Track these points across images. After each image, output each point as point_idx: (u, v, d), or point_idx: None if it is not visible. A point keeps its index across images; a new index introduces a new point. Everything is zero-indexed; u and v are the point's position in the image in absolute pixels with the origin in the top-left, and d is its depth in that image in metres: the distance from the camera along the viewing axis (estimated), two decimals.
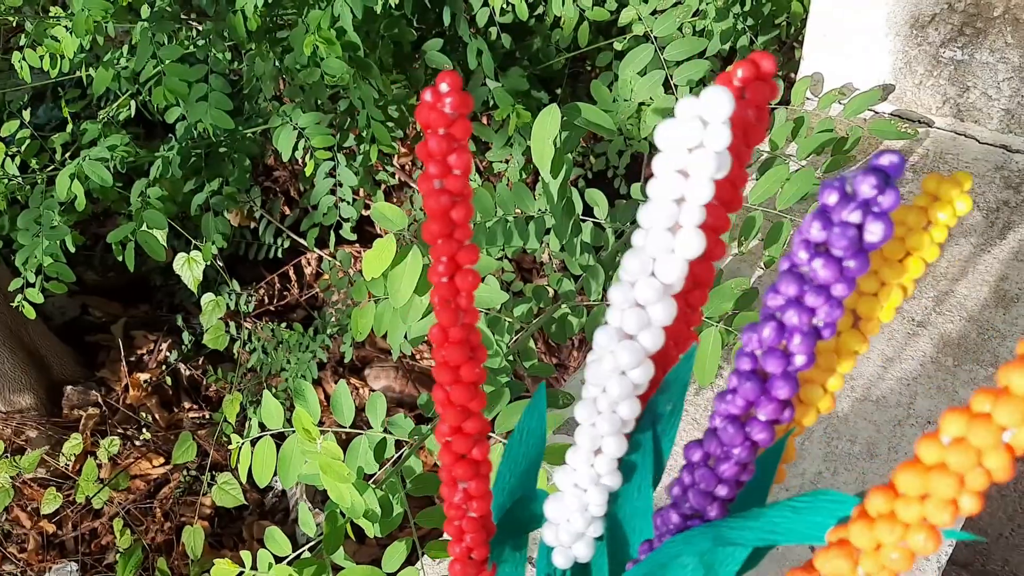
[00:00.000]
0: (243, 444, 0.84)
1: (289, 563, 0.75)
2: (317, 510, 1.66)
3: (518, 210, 1.10)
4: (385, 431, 0.82)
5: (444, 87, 0.33)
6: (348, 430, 0.82)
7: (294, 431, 0.79)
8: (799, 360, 0.31)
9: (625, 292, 0.34)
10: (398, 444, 0.84)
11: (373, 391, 1.81)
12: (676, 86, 1.13)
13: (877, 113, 1.19)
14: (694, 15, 1.21)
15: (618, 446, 0.37)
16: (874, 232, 0.28)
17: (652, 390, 0.38)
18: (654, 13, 1.13)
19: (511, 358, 0.95)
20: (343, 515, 0.73)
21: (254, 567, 0.78)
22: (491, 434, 0.75)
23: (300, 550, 0.77)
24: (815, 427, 0.92)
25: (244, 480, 0.84)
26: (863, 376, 0.95)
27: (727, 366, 0.96)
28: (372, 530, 0.76)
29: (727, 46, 1.26)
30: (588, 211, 1.10)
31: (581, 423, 0.37)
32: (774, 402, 0.32)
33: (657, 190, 0.32)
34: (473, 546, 0.41)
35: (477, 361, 0.38)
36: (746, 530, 0.35)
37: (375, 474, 0.81)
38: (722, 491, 0.36)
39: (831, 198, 0.29)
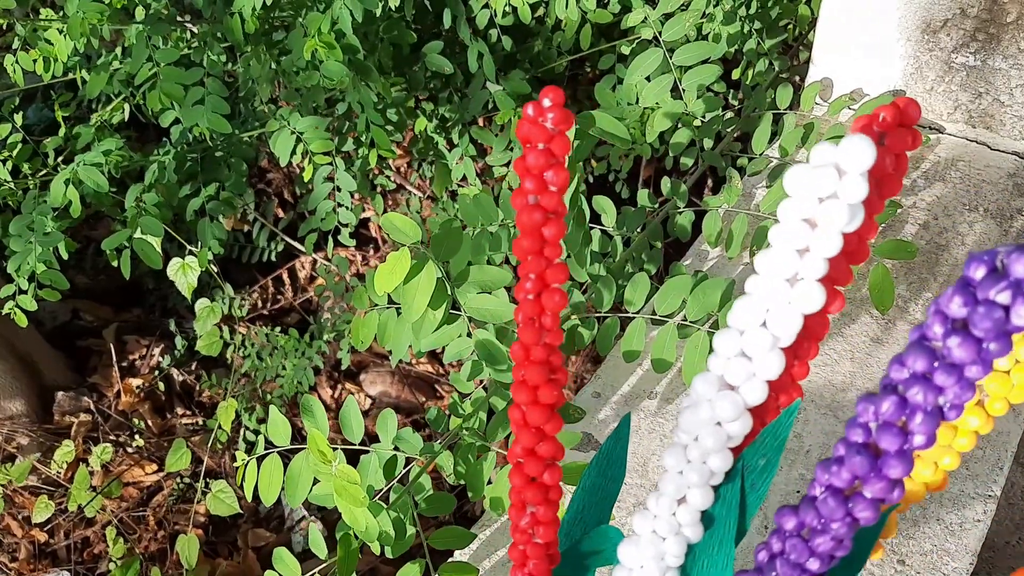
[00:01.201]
0: (249, 462, 0.82)
1: None
2: (313, 518, 1.64)
3: None
4: (395, 448, 0.80)
5: (547, 102, 0.33)
6: (354, 447, 0.80)
7: (299, 448, 0.77)
8: (918, 440, 0.29)
9: (732, 340, 0.32)
10: (406, 459, 0.82)
11: (370, 396, 1.79)
12: (684, 90, 1.12)
13: None
14: (701, 18, 1.19)
15: (704, 498, 0.35)
16: (1022, 315, 0.25)
17: (746, 443, 0.36)
18: (663, 17, 1.11)
19: None
20: (356, 537, 0.71)
21: None
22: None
23: (309, 573, 0.75)
24: (832, 442, 0.90)
25: (250, 499, 0.82)
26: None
27: None
28: (379, 548, 0.74)
29: (733, 49, 1.24)
30: (594, 218, 1.08)
31: (668, 470, 0.35)
32: (884, 480, 0.30)
33: (780, 237, 0.30)
34: (535, 573, 0.40)
35: (557, 383, 0.37)
36: None
37: (382, 490, 0.79)
38: (813, 565, 0.33)
39: (978, 273, 0.26)
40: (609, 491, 0.42)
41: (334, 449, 0.72)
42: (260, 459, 0.81)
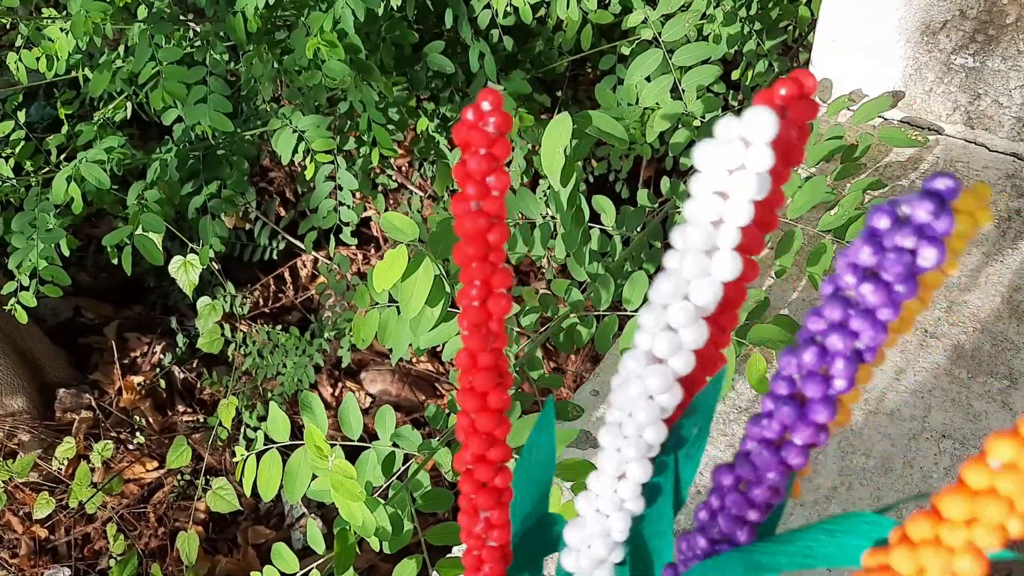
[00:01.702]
0: (248, 457, 0.82)
1: None
2: (313, 515, 1.64)
3: (521, 215, 1.08)
4: (393, 444, 0.81)
5: (486, 105, 0.32)
6: (354, 443, 0.80)
7: (299, 443, 0.77)
8: (839, 384, 0.30)
9: (657, 315, 0.33)
10: (404, 456, 0.82)
11: (370, 395, 1.79)
12: (684, 91, 1.12)
13: (887, 120, 1.18)
14: (701, 19, 1.20)
15: (643, 471, 0.36)
16: (928, 257, 0.28)
17: (678, 413, 0.37)
18: (663, 17, 1.12)
19: (517, 369, 0.94)
20: (354, 532, 0.72)
21: None
22: None
23: (307, 568, 0.76)
24: (830, 441, 0.91)
25: (249, 494, 0.82)
26: (876, 389, 0.94)
27: (739, 377, 0.95)
28: (376, 544, 0.74)
29: (733, 50, 1.25)
30: (594, 217, 1.08)
31: (605, 448, 0.36)
32: (812, 426, 0.32)
33: (695, 212, 0.31)
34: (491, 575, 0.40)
35: (504, 388, 0.37)
36: (780, 555, 0.34)
37: (381, 486, 0.80)
38: (753, 515, 0.35)
39: (883, 222, 0.28)
40: (544, 480, 0.43)
41: (332, 445, 0.72)
42: (259, 455, 0.81)
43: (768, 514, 0.35)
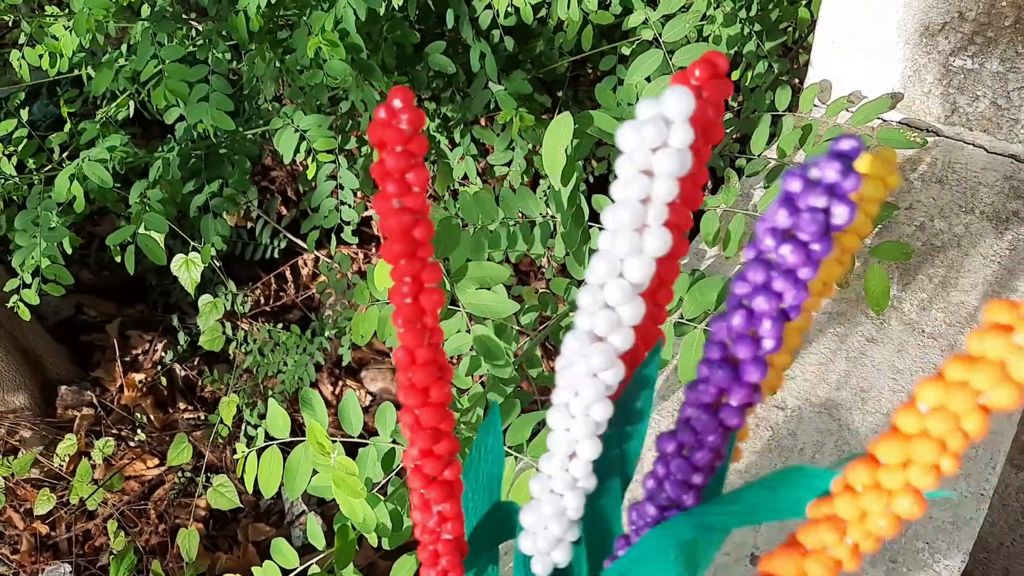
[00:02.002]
0: (249, 454, 0.83)
1: None
2: (314, 513, 1.65)
3: (521, 214, 1.09)
4: (393, 441, 0.81)
5: (398, 103, 0.33)
6: (354, 440, 0.81)
7: (299, 440, 0.78)
8: (768, 344, 0.32)
9: (594, 294, 0.34)
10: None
11: (371, 393, 1.80)
12: None
13: (885, 121, 1.19)
14: (701, 20, 1.20)
15: (593, 449, 0.37)
16: (840, 215, 0.29)
17: (621, 389, 0.39)
18: (663, 18, 1.12)
19: (516, 367, 0.94)
20: (354, 528, 0.72)
21: None
22: (507, 448, 0.74)
23: (308, 563, 0.76)
24: (826, 440, 0.91)
25: (250, 491, 0.83)
26: (874, 388, 0.94)
27: None
28: (375, 540, 0.75)
29: (733, 51, 1.25)
30: (593, 216, 1.09)
31: (555, 429, 0.37)
32: (746, 387, 0.33)
33: (623, 191, 0.32)
34: (448, 568, 0.41)
35: (445, 381, 0.37)
36: (727, 514, 0.36)
37: (380, 482, 0.80)
38: (697, 479, 0.36)
39: (795, 185, 0.29)
40: (494, 477, 0.44)
41: (333, 442, 0.73)
42: (260, 451, 0.82)
43: (712, 477, 0.37)
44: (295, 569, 0.77)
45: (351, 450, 0.79)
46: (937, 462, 0.27)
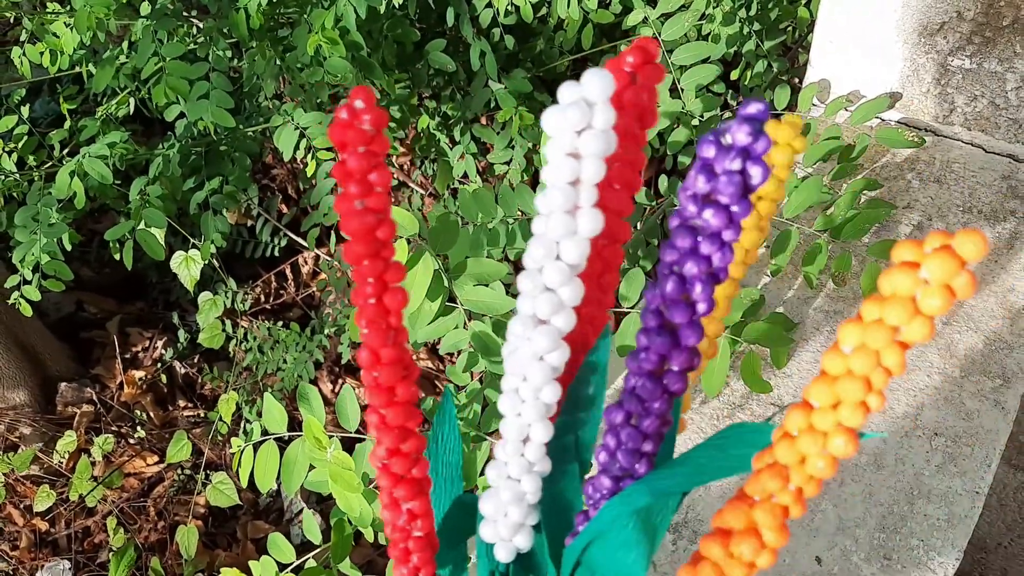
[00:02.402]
0: (245, 448, 0.83)
1: (294, 571, 0.74)
2: (312, 510, 1.65)
3: (520, 211, 1.09)
4: None
5: (359, 104, 0.32)
6: (351, 435, 0.81)
7: (296, 435, 0.78)
8: (701, 307, 0.33)
9: (533, 278, 0.35)
10: None
11: None
12: (683, 90, 1.12)
13: (884, 121, 1.19)
14: (700, 19, 1.20)
15: (545, 431, 0.38)
16: (755, 175, 0.30)
17: (571, 375, 0.40)
18: (662, 17, 1.13)
19: None
20: (350, 523, 0.72)
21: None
22: None
23: (304, 558, 0.76)
24: None
25: (245, 485, 0.83)
26: None
27: (734, 375, 0.95)
28: (371, 535, 0.75)
29: (732, 50, 1.25)
30: None
31: (506, 415, 0.38)
32: (685, 351, 0.34)
33: (553, 175, 0.33)
34: (420, 565, 0.41)
35: (411, 380, 0.37)
36: (678, 476, 0.37)
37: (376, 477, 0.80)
38: (648, 446, 0.37)
39: (710, 151, 0.30)
40: (454, 465, 0.45)
41: (330, 437, 0.73)
42: (256, 446, 0.82)
43: (660, 444, 0.38)
44: (292, 564, 0.77)
45: (348, 446, 0.80)
46: (864, 399, 0.28)
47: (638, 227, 1.11)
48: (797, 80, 1.36)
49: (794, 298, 1.03)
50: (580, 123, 0.31)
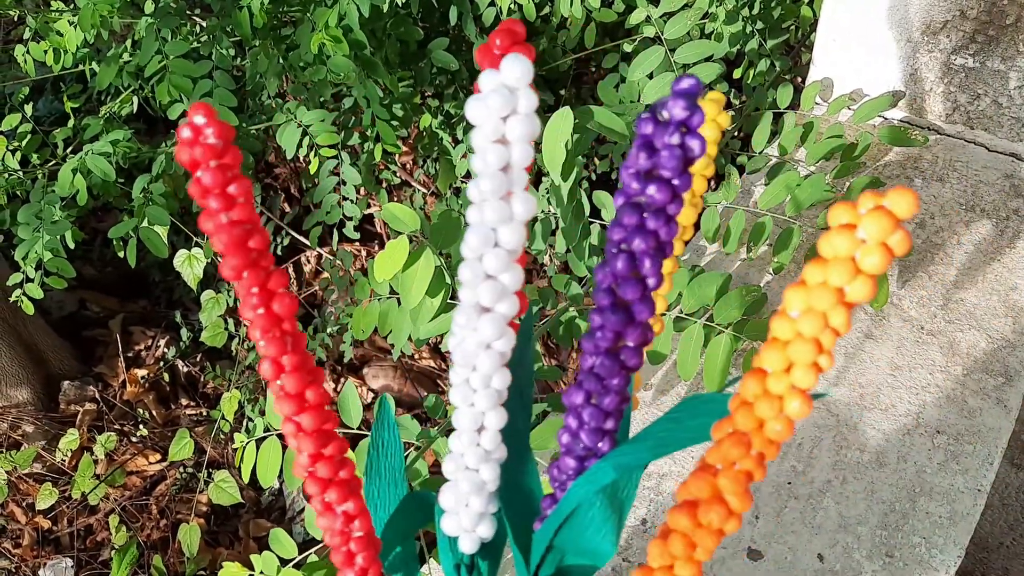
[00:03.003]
0: (247, 444, 0.83)
1: (296, 566, 0.74)
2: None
3: None
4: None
5: (200, 119, 0.32)
6: (353, 431, 0.81)
7: None
8: (651, 282, 0.34)
9: (473, 268, 0.35)
10: (404, 445, 0.83)
11: (372, 390, 1.80)
12: None
13: (887, 119, 1.19)
14: (703, 17, 1.20)
15: (499, 418, 0.38)
16: (695, 147, 0.31)
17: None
18: (665, 15, 1.13)
19: None
20: None
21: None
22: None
23: (306, 553, 0.76)
24: (824, 436, 0.91)
25: (246, 481, 0.83)
26: (872, 384, 0.95)
27: (735, 372, 0.95)
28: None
29: (735, 49, 1.25)
30: (594, 212, 1.09)
31: (459, 406, 0.38)
32: (639, 327, 0.35)
33: (484, 163, 0.33)
34: (367, 566, 0.41)
35: (319, 383, 0.37)
36: (640, 451, 0.38)
37: None
38: (610, 424, 0.38)
39: (648, 128, 0.31)
40: (396, 469, 0.45)
41: None
42: (259, 442, 0.82)
43: (620, 420, 0.38)
44: (293, 559, 0.77)
45: (351, 443, 0.80)
46: (815, 360, 0.29)
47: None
48: (800, 79, 1.36)
49: None
50: (504, 109, 0.32)
